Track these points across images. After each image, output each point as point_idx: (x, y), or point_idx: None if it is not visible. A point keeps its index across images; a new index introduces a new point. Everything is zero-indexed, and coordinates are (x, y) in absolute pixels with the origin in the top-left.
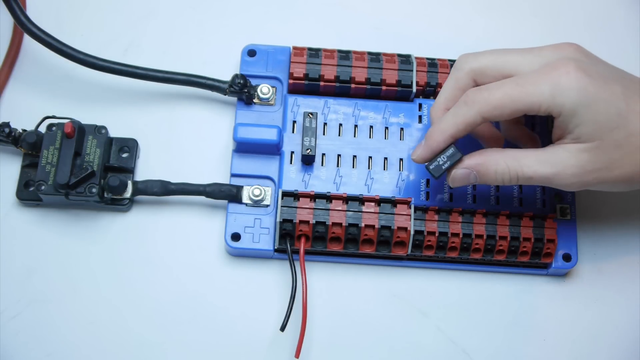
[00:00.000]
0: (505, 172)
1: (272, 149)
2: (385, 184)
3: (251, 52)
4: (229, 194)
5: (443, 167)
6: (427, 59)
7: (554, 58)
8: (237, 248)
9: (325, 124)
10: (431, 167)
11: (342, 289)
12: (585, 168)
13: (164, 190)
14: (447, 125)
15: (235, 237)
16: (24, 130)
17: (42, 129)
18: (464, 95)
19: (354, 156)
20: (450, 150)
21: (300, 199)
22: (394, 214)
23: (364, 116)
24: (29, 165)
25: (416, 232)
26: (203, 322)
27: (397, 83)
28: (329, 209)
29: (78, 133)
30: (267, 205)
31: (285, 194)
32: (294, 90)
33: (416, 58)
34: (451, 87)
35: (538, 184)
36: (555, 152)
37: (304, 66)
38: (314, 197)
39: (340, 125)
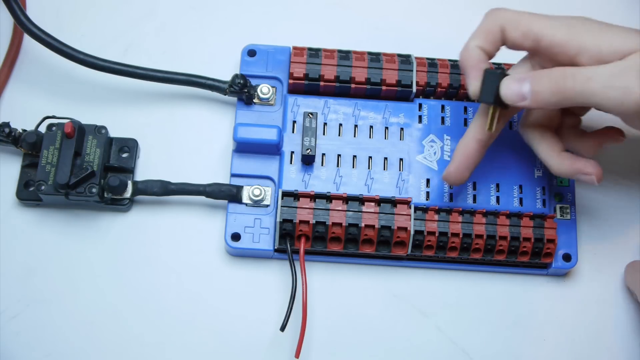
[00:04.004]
0: (560, 78)
1: (272, 149)
2: (385, 184)
3: (251, 52)
4: (229, 194)
5: (498, 72)
6: (427, 59)
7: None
8: (237, 248)
9: (325, 124)
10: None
11: (342, 289)
12: None
13: (164, 190)
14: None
15: (235, 237)
16: (24, 130)
17: (42, 129)
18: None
19: (354, 156)
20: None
21: (300, 199)
22: (394, 214)
23: (364, 116)
24: (29, 165)
25: (416, 232)
26: (203, 322)
27: (397, 83)
28: (329, 209)
29: (78, 133)
30: (267, 205)
31: (285, 194)
32: (294, 90)
33: (416, 58)
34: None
35: (597, 105)
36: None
37: (304, 66)
38: (314, 197)
39: (340, 125)
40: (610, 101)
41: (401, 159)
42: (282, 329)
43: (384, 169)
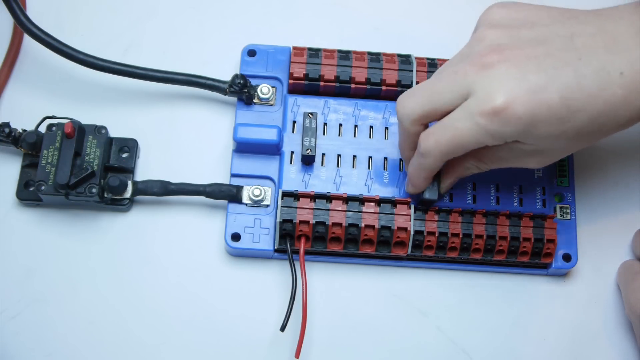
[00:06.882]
0: (476, 171)
1: (272, 149)
2: (385, 184)
3: (251, 52)
4: (229, 194)
5: (434, 199)
6: (427, 59)
7: (477, 59)
8: (237, 248)
9: (325, 124)
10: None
11: (342, 289)
12: (544, 163)
13: (164, 190)
14: (420, 174)
15: (235, 237)
16: (24, 130)
17: (42, 129)
18: (418, 146)
19: (354, 156)
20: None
21: (300, 199)
22: (394, 214)
23: (364, 116)
24: (29, 165)
25: (416, 232)
26: (203, 322)
27: (397, 83)
28: (329, 209)
29: (78, 133)
30: (267, 206)
31: (285, 194)
32: (294, 90)
33: (416, 58)
34: (405, 139)
35: None
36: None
37: (304, 66)
38: (314, 197)
39: (340, 125)
40: None
41: (401, 159)
42: (282, 329)
43: (384, 169)
